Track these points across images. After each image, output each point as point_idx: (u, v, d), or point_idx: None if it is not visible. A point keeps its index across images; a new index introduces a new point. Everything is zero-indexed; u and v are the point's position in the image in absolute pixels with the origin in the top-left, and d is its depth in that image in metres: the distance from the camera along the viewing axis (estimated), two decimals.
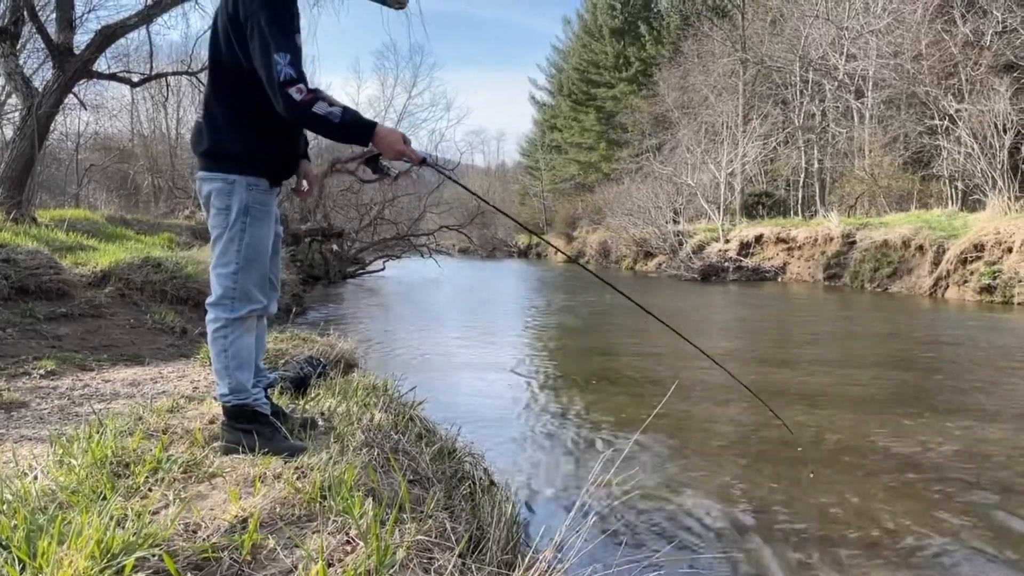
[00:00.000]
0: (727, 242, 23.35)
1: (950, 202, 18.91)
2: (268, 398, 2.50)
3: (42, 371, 3.99)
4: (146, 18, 10.47)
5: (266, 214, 2.32)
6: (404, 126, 30.04)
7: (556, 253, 39.69)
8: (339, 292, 16.50)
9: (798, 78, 25.47)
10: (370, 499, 1.87)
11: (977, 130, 17.09)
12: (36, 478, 1.96)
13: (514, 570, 1.80)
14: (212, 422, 2.56)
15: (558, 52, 48.51)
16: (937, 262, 14.90)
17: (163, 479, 1.97)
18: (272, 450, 2.24)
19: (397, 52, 66.47)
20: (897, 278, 16.18)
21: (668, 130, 31.59)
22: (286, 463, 2.15)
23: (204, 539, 1.62)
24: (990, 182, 16.58)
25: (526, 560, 1.82)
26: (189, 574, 1.50)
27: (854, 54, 23.24)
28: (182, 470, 2.05)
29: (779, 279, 20.45)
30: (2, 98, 16.70)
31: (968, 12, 19.46)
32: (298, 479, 2.01)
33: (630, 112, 36.44)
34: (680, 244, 24.47)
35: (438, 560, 1.68)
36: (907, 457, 4.15)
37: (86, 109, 17.51)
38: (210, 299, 2.33)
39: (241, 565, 1.56)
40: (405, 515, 1.84)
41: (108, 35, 10.16)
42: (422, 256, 22.73)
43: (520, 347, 8.81)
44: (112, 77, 12.60)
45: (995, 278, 13.09)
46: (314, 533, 1.71)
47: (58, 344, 4.81)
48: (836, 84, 24.07)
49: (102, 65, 11.95)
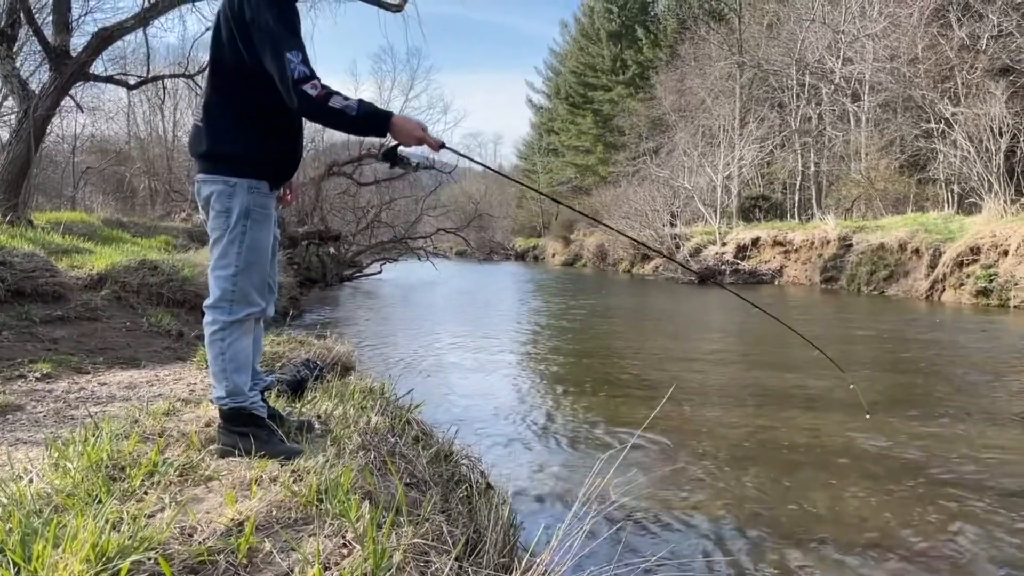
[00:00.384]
0: (724, 245, 23.40)
1: (946, 205, 18.97)
2: (265, 401, 2.49)
3: (38, 374, 3.97)
4: (143, 20, 10.48)
5: (266, 217, 2.32)
6: None
7: (554, 256, 39.77)
8: (336, 295, 16.49)
9: (795, 81, 25.55)
10: (367, 502, 1.87)
11: (973, 133, 17.16)
12: (31, 481, 1.95)
13: (511, 573, 1.80)
14: (208, 425, 2.56)
15: (555, 55, 48.66)
16: (933, 265, 14.94)
17: (159, 482, 1.96)
18: (268, 453, 2.23)
19: (394, 55, 66.93)
20: (893, 281, 16.22)
21: (665, 133, 31.66)
22: (282, 466, 2.14)
23: (200, 542, 1.62)
24: (986, 185, 16.63)
25: (523, 563, 1.82)
26: None
27: (850, 58, 23.31)
28: (178, 473, 2.05)
29: (776, 282, 20.48)
30: None
31: (964, 16, 19.55)
32: (294, 482, 2.00)
33: (627, 115, 36.54)
34: (677, 247, 24.51)
35: (435, 563, 1.68)
36: (903, 460, 4.16)
37: (82, 111, 17.56)
38: (208, 301, 2.31)
39: (237, 569, 1.55)
40: (402, 518, 1.83)
41: (105, 37, 10.17)
42: (419, 259, 22.73)
43: (517, 350, 8.81)
44: (109, 79, 12.61)
45: (991, 281, 13.14)
46: (310, 536, 1.71)
47: (54, 347, 4.79)
48: (832, 88, 24.15)
49: (99, 67, 11.97)
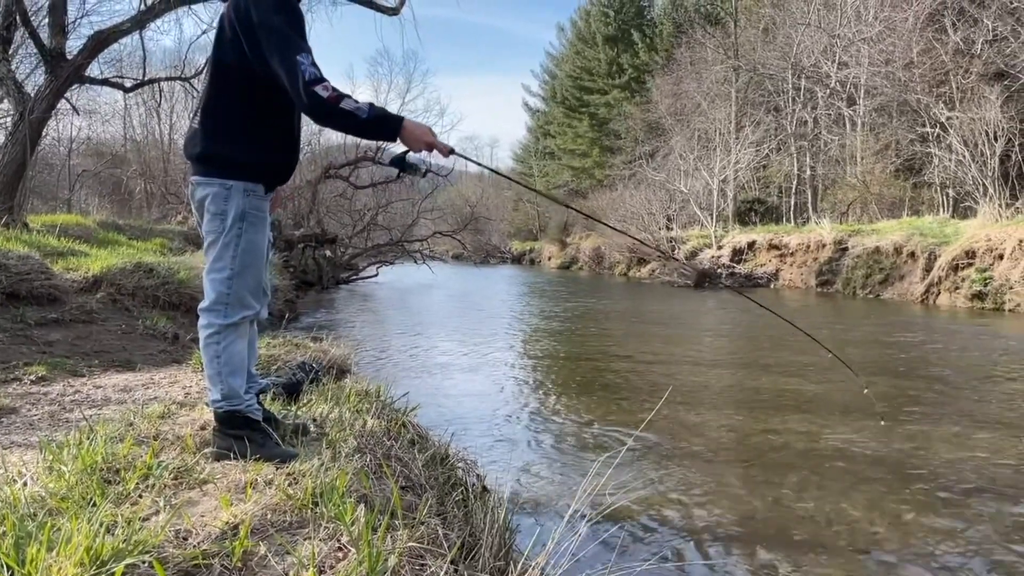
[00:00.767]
0: (720, 248, 23.44)
1: (941, 209, 19.04)
2: (260, 404, 2.49)
3: (33, 377, 3.96)
4: (139, 23, 10.46)
5: (262, 219, 2.31)
6: None
7: (550, 259, 39.78)
8: (332, 298, 16.47)
9: (790, 85, 25.64)
10: (362, 505, 1.87)
11: (968, 138, 17.23)
12: (25, 484, 1.94)
13: None
14: (203, 428, 2.55)
15: (551, 59, 48.76)
16: (929, 269, 15.00)
17: (154, 485, 1.96)
18: (264, 456, 2.22)
19: (391, 58, 66.82)
20: (889, 284, 16.27)
21: (661, 137, 31.73)
22: (278, 469, 2.14)
23: (195, 546, 1.61)
24: (981, 189, 16.70)
25: (519, 566, 1.81)
26: None
27: (846, 62, 23.41)
28: (173, 476, 2.04)
29: (772, 285, 20.52)
30: None
31: (959, 20, 19.64)
32: (290, 485, 2.00)
33: (623, 119, 36.63)
34: (673, 250, 24.55)
35: (430, 567, 1.67)
36: (898, 462, 4.17)
37: (78, 114, 17.54)
38: (203, 304, 2.30)
39: (232, 572, 1.55)
40: (397, 521, 1.83)
41: (101, 40, 10.15)
42: (415, 262, 22.73)
43: (513, 353, 8.81)
44: (105, 82, 12.60)
45: (986, 284, 13.19)
46: (305, 540, 1.70)
47: (49, 350, 4.77)
48: (828, 91, 24.24)
49: (95, 70, 11.98)
